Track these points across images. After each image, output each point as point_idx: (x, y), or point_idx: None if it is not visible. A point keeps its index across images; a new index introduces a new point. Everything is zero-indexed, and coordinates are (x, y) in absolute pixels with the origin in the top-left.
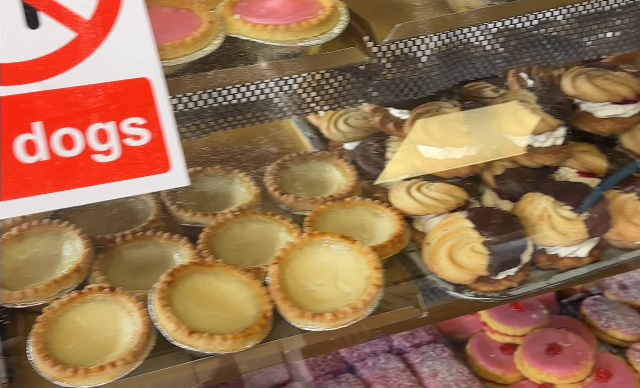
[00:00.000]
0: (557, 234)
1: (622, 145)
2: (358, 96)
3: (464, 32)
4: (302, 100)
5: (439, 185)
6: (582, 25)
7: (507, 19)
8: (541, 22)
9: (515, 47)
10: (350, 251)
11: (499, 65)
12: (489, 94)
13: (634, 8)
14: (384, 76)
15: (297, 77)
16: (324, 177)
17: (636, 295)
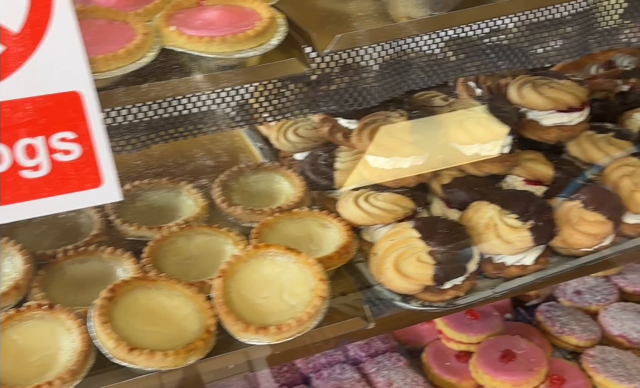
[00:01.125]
0: (503, 243)
1: (568, 153)
2: (299, 107)
3: (407, 41)
4: (239, 112)
5: (386, 195)
6: (527, 34)
7: (447, 29)
8: (484, 31)
9: (459, 56)
10: (295, 263)
11: (442, 75)
12: (438, 103)
13: (581, 16)
14: (326, 87)
15: (233, 89)
16: (273, 188)
17: (590, 301)
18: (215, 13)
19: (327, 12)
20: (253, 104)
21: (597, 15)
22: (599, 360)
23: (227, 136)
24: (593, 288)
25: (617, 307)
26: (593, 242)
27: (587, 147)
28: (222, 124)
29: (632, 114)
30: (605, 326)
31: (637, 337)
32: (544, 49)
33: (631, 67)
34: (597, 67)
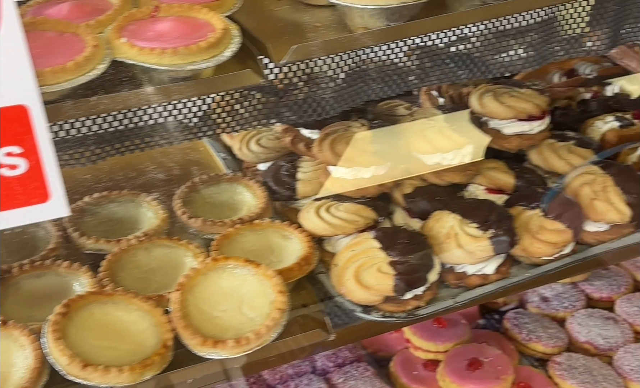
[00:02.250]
0: (463, 252)
1: (530, 161)
2: (257, 118)
3: (366, 51)
4: (195, 124)
5: (347, 205)
6: (486, 43)
7: (404, 40)
8: (443, 41)
9: (418, 66)
10: (255, 275)
11: (402, 85)
12: (402, 112)
13: (542, 25)
14: (283, 98)
15: (190, 101)
16: (235, 199)
17: (557, 307)
18: (168, 24)
19: (285, 22)
20: (209, 115)
21: (558, 25)
22: (565, 367)
23: (189, 147)
24: (560, 295)
25: (584, 314)
26: (553, 251)
27: (548, 155)
28: (176, 137)
29: (594, 122)
30: (572, 333)
31: (604, 344)
32: (504, 58)
33: (593, 75)
34: (560, 75)
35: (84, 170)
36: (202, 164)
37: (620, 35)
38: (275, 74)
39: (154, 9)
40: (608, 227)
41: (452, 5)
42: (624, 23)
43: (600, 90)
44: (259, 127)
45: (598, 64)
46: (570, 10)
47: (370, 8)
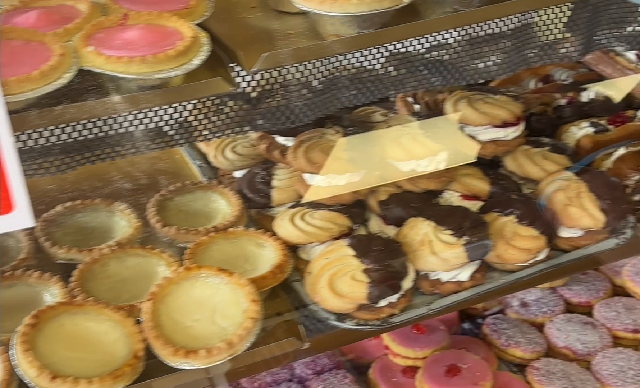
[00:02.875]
0: (438, 259)
1: (505, 168)
2: (230, 126)
3: (339, 59)
4: (165, 132)
5: (322, 212)
6: (459, 49)
7: (376, 47)
8: (416, 48)
9: (390, 73)
10: (228, 284)
11: (376, 91)
12: (378, 119)
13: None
14: (255, 105)
15: (156, 109)
16: (210, 207)
17: (536, 313)
18: (137, 33)
19: (257, 30)
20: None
21: (531, 31)
22: (543, 372)
23: (165, 154)
24: (539, 300)
25: (563, 319)
26: (527, 257)
27: (522, 161)
28: (148, 145)
29: (569, 128)
30: (550, 338)
31: (582, 349)
32: (477, 65)
33: (569, 81)
34: (536, 81)
35: (54, 179)
36: (177, 172)
37: (593, 41)
38: (247, 81)
39: (122, 17)
40: (582, 233)
41: (425, 12)
42: (597, 29)
43: (576, 96)
44: (233, 135)
45: (574, 70)
46: (544, 17)
47: (341, 16)
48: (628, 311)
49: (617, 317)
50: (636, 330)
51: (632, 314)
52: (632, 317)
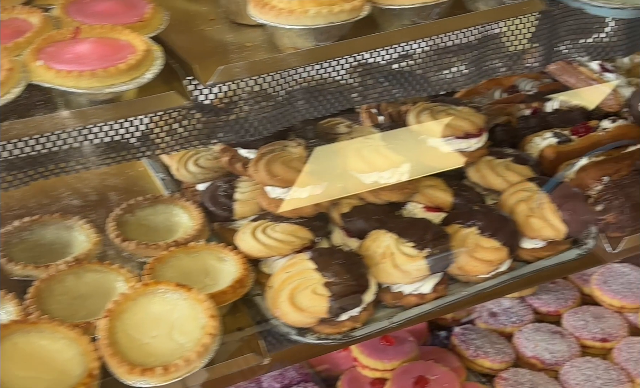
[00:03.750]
0: (399, 272)
1: (469, 179)
2: (186, 140)
3: (299, 71)
4: (116, 147)
5: (284, 225)
6: (419, 61)
7: (334, 59)
8: (376, 59)
9: (349, 85)
10: (186, 300)
11: (336, 103)
12: (342, 130)
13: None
14: (212, 118)
15: (109, 123)
16: (171, 221)
17: (505, 322)
18: (88, 46)
19: (215, 42)
20: (138, 137)
21: (490, 43)
22: (511, 382)
23: (128, 167)
24: (508, 310)
25: (531, 328)
26: (489, 269)
27: (485, 172)
28: (100, 160)
29: (533, 138)
30: (519, 348)
31: (550, 358)
32: (436, 76)
33: (534, 91)
34: (501, 92)
35: (9, 195)
36: (140, 185)
37: (554, 52)
38: (205, 94)
39: (74, 30)
40: (544, 244)
41: (383, 24)
42: (558, 40)
43: (540, 107)
44: (192, 148)
45: (538, 81)
46: (504, 29)
47: (298, 28)
48: (596, 320)
49: (586, 326)
50: (604, 339)
51: (600, 323)
52: (600, 325)
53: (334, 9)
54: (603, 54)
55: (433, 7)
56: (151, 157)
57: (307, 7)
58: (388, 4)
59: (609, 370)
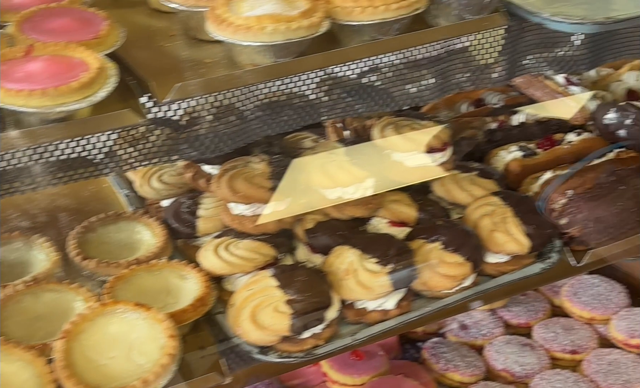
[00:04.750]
0: (362, 288)
1: (434, 193)
2: (146, 157)
3: (259, 87)
4: (69, 166)
5: (246, 242)
6: (381, 77)
7: (295, 75)
8: (338, 75)
9: (310, 100)
10: (145, 319)
11: (298, 119)
12: (308, 145)
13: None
14: (170, 135)
15: (54, 143)
16: (133, 239)
17: (476, 335)
18: (41, 64)
19: (174, 59)
20: (76, 158)
21: (453, 58)
22: None
23: (92, 184)
24: (479, 323)
25: (502, 341)
26: (452, 284)
27: (450, 187)
28: (54, 179)
29: (499, 152)
30: (489, 360)
31: (520, 371)
32: (397, 91)
33: (500, 104)
34: (468, 105)
35: None
36: (103, 202)
37: (517, 67)
38: (163, 111)
39: (27, 48)
40: (509, 258)
41: (343, 40)
42: (519, 55)
43: (507, 120)
44: (150, 165)
45: (505, 94)
46: (466, 44)
47: (256, 45)
48: (566, 332)
49: (556, 338)
50: (574, 351)
51: (570, 335)
52: (570, 337)
53: (291, 26)
54: (566, 68)
55: (392, 23)
56: (108, 175)
57: (265, 24)
58: (347, 20)
59: (579, 382)
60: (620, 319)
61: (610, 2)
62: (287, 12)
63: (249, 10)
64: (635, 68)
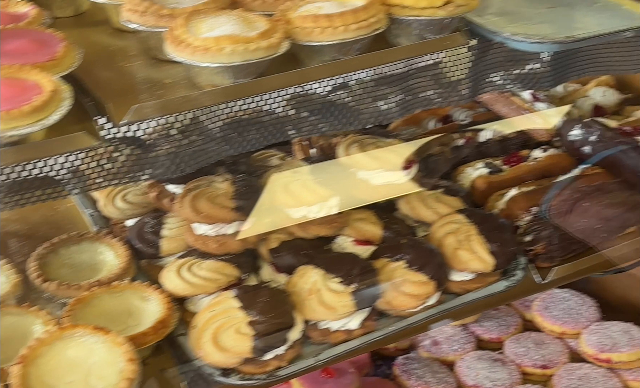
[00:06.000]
0: (325, 308)
1: (400, 211)
2: (105, 178)
3: (220, 107)
4: (19, 190)
5: (209, 262)
6: (343, 96)
7: (249, 97)
8: (300, 94)
9: (272, 120)
10: (104, 343)
11: (261, 139)
12: (275, 163)
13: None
14: (128, 157)
15: (9, 167)
16: (96, 260)
17: (447, 351)
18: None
19: (133, 79)
20: (28, 182)
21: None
22: None
23: (57, 203)
24: (451, 338)
25: (473, 356)
26: (416, 303)
27: (415, 204)
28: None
29: (465, 169)
30: (460, 376)
31: (491, 386)
32: (362, 110)
33: (468, 121)
34: (435, 122)
35: None
36: (68, 222)
37: (481, 85)
38: (122, 133)
39: None
40: (473, 276)
41: (304, 60)
42: (484, 73)
43: (474, 136)
44: (109, 186)
45: (472, 110)
46: (429, 62)
47: (214, 66)
48: (537, 346)
49: (527, 353)
50: (545, 365)
51: (540, 349)
52: (541, 352)
53: (250, 47)
54: (530, 86)
55: (353, 43)
56: (66, 197)
57: (223, 45)
58: (307, 41)
59: None
60: (590, 333)
61: (574, 20)
62: (246, 33)
63: (208, 31)
64: (601, 84)
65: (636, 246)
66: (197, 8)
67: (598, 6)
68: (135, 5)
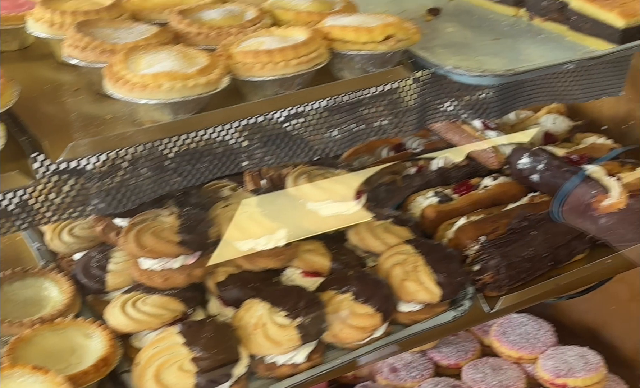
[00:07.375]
0: (271, 342)
1: (349, 242)
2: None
3: (164, 142)
4: None
5: (154, 298)
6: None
7: (194, 132)
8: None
9: (216, 156)
10: (42, 383)
11: (206, 173)
12: (226, 193)
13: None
14: (68, 193)
15: None
16: (40, 296)
17: (405, 378)
18: None
19: (73, 115)
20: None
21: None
22: None
23: (3, 237)
24: (409, 365)
25: (431, 383)
26: (363, 335)
27: (364, 235)
28: None
29: (416, 198)
30: None
31: None
32: (307, 144)
33: (420, 149)
34: (388, 150)
35: None
36: (15, 256)
37: (427, 116)
38: (62, 169)
39: None
40: (421, 307)
41: (247, 95)
42: (430, 105)
43: (427, 165)
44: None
45: (425, 138)
46: (375, 94)
47: (153, 103)
48: (494, 372)
49: (484, 379)
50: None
51: (498, 375)
52: (498, 377)
53: (188, 83)
54: (477, 115)
55: (294, 78)
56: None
57: (161, 82)
58: (248, 76)
59: None
60: (546, 358)
61: (518, 51)
62: (185, 69)
63: (147, 67)
64: (552, 111)
65: (585, 273)
66: (137, 44)
67: (542, 38)
68: (77, 41)
